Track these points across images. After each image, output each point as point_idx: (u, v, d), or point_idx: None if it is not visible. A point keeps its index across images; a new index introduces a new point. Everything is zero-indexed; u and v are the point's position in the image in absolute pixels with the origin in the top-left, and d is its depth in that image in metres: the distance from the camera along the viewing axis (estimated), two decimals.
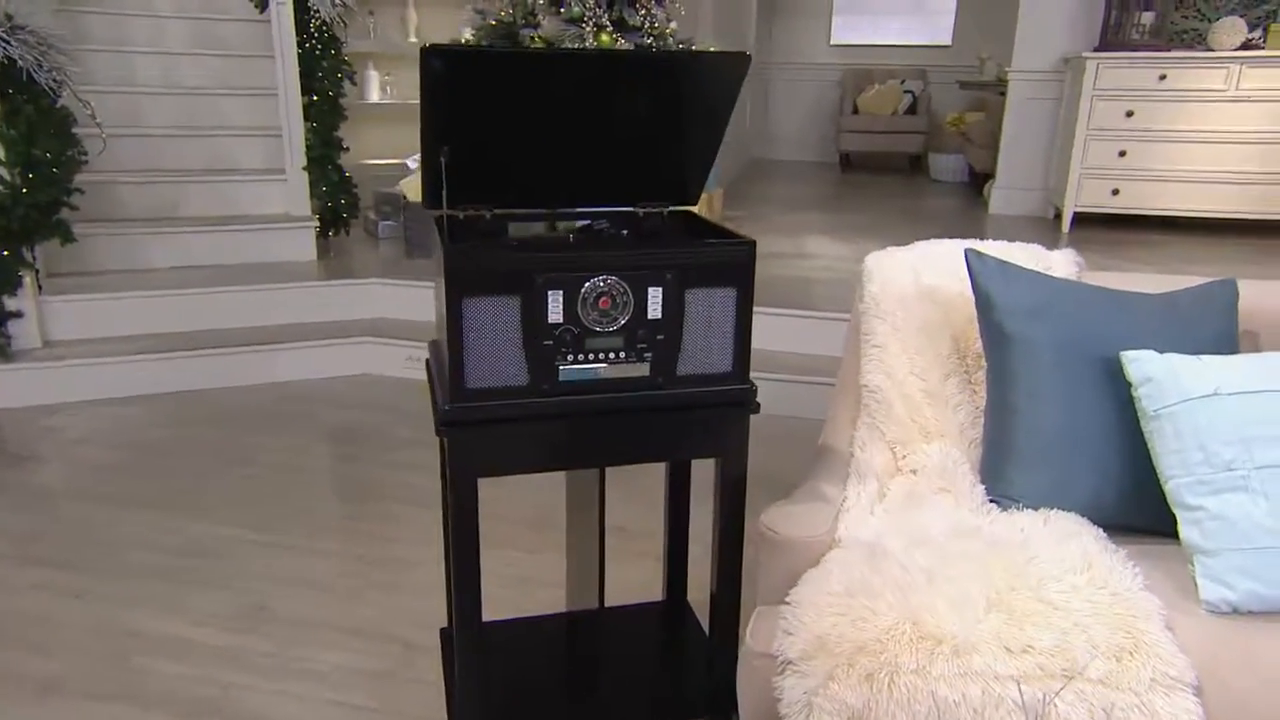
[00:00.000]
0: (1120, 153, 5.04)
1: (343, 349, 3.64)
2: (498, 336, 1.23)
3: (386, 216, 4.84)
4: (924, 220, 5.69)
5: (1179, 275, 1.72)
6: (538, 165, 1.41)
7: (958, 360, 1.59)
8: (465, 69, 1.23)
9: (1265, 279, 4.01)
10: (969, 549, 1.23)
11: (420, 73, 1.21)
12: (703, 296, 1.29)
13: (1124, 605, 1.11)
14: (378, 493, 2.64)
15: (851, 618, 1.13)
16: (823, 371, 3.14)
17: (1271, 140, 4.86)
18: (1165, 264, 4.40)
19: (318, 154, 4.41)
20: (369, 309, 3.85)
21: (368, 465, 2.84)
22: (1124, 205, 5.14)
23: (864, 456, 1.51)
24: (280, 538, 2.38)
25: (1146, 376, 1.29)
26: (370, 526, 2.44)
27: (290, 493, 2.64)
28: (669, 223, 1.52)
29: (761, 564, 1.35)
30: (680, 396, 1.31)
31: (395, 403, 3.37)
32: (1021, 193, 5.76)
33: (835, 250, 4.60)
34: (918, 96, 7.93)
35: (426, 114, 1.26)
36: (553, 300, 1.23)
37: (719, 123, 1.40)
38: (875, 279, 1.72)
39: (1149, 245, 4.88)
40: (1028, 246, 1.74)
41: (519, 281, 1.21)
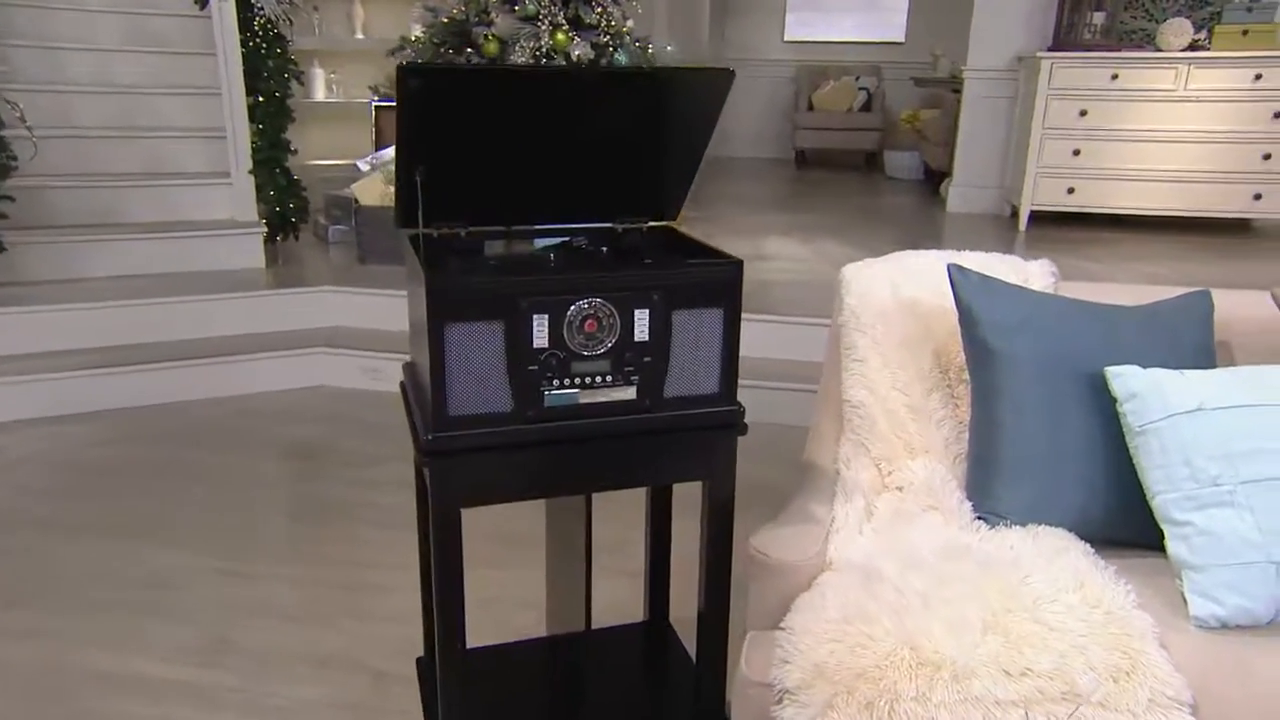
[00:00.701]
0: (1075, 151, 5.16)
1: (297, 360, 3.57)
2: (481, 362, 1.21)
3: (337, 220, 4.76)
4: (883, 220, 5.76)
5: (1152, 285, 1.76)
6: (514, 182, 1.40)
7: (940, 374, 1.61)
8: (443, 87, 1.21)
9: (1224, 281, 4.11)
10: (962, 570, 1.24)
11: (396, 92, 1.19)
12: (690, 317, 1.28)
13: (1118, 624, 1.13)
14: (342, 513, 2.60)
15: (849, 644, 1.14)
16: (788, 376, 3.16)
17: (1218, 140, 5.01)
18: (1123, 263, 4.51)
19: (264, 156, 4.33)
20: (323, 318, 3.79)
21: (330, 484, 2.79)
22: (1079, 204, 5.26)
23: (850, 474, 1.52)
24: (240, 564, 2.32)
25: (1131, 392, 1.31)
26: (336, 550, 2.40)
27: (248, 515, 2.59)
28: (649, 239, 1.51)
29: (752, 588, 1.36)
30: (668, 420, 1.30)
31: (355, 416, 3.32)
32: (978, 191, 5.87)
33: (795, 252, 4.64)
34: (872, 93, 8.03)
35: (402, 132, 1.24)
36: (538, 324, 1.22)
37: (700, 139, 1.40)
38: (853, 291, 1.73)
39: (1105, 244, 5.00)
40: (1005, 257, 1.77)
41: (503, 306, 1.20)
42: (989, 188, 5.84)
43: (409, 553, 2.37)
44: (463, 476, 1.24)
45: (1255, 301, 1.59)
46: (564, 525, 1.55)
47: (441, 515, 1.25)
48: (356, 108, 6.14)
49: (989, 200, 5.86)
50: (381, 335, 3.66)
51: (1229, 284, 4.13)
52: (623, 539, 2.34)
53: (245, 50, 4.11)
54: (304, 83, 5.55)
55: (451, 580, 1.28)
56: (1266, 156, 5.00)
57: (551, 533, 1.59)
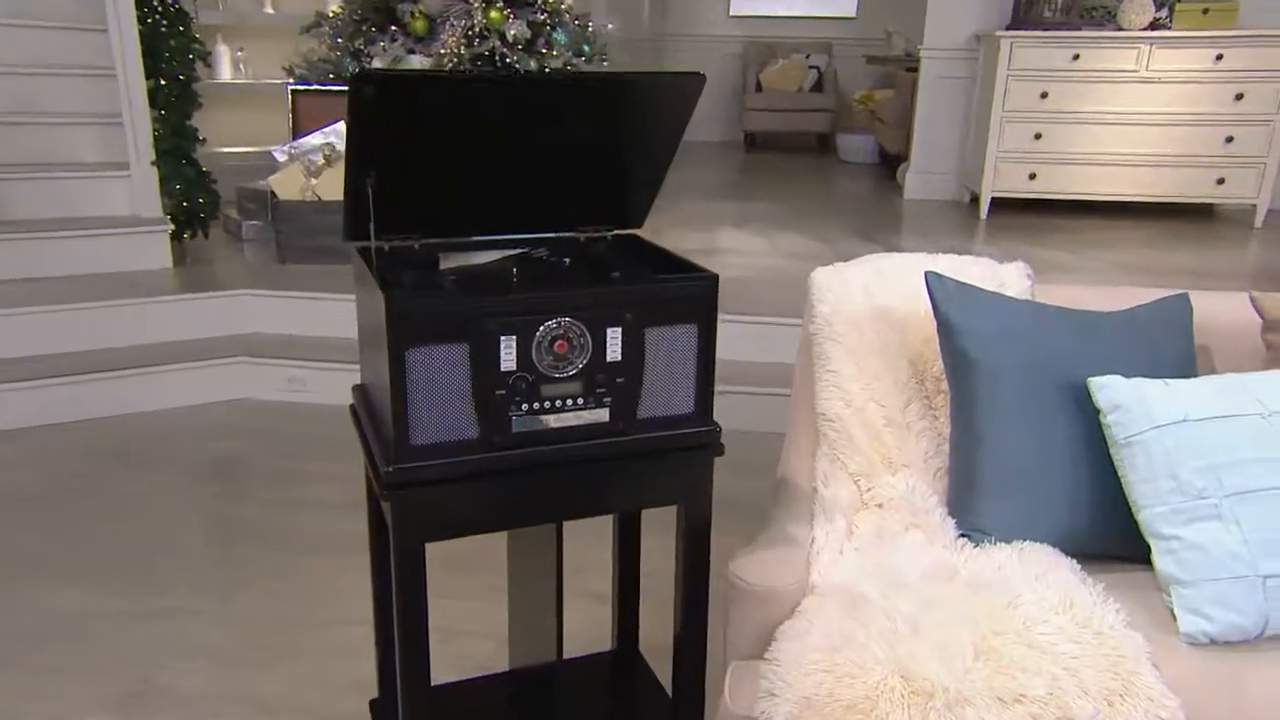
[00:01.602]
0: (1036, 135, 5.32)
1: (213, 372, 3.52)
2: (445, 388, 1.23)
3: (251, 216, 4.69)
4: (839, 208, 5.87)
5: (1128, 287, 1.84)
6: (470, 191, 1.41)
7: (917, 384, 1.67)
8: (399, 95, 1.22)
9: (1191, 270, 4.23)
10: (950, 592, 1.30)
11: (349, 100, 1.19)
12: (663, 334, 1.32)
13: (1110, 645, 1.20)
14: (273, 539, 2.58)
15: (838, 674, 1.19)
16: (748, 379, 3.21)
17: (1181, 123, 5.21)
18: (1087, 252, 4.67)
19: (168, 146, 4.24)
20: (241, 324, 3.73)
21: (256, 507, 2.76)
22: (1041, 189, 5.43)
23: (828, 492, 1.57)
24: (162, 600, 2.29)
25: (1115, 403, 1.38)
26: (268, 581, 2.38)
27: (166, 545, 2.55)
28: (614, 249, 1.54)
29: (731, 616, 1.40)
30: (642, 442, 1.33)
31: (280, 431, 3.29)
32: (937, 176, 6.01)
33: (751, 245, 4.70)
34: (823, 72, 8.15)
35: (353, 142, 1.25)
36: (505, 346, 1.24)
37: (668, 145, 1.43)
38: (826, 299, 1.78)
39: (1068, 231, 5.17)
40: (979, 260, 1.83)
41: (468, 328, 1.22)
42: (948, 173, 5.98)
43: (350, 580, 2.37)
44: (427, 510, 1.26)
45: (1234, 304, 1.68)
46: (532, 552, 1.57)
47: (404, 551, 1.26)
48: (268, 90, 6.04)
49: (948, 186, 6.00)
50: (306, 342, 3.62)
51: (1196, 272, 4.32)
52: (585, 559, 2.37)
53: (143, 29, 4.02)
54: (210, 64, 5.45)
55: (416, 619, 1.29)
56: (1229, 140, 5.21)
57: (517, 560, 1.61)
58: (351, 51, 4.83)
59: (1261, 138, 5.18)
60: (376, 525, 1.56)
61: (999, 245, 4.82)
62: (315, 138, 4.32)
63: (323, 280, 3.86)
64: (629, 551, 1.73)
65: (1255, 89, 5.12)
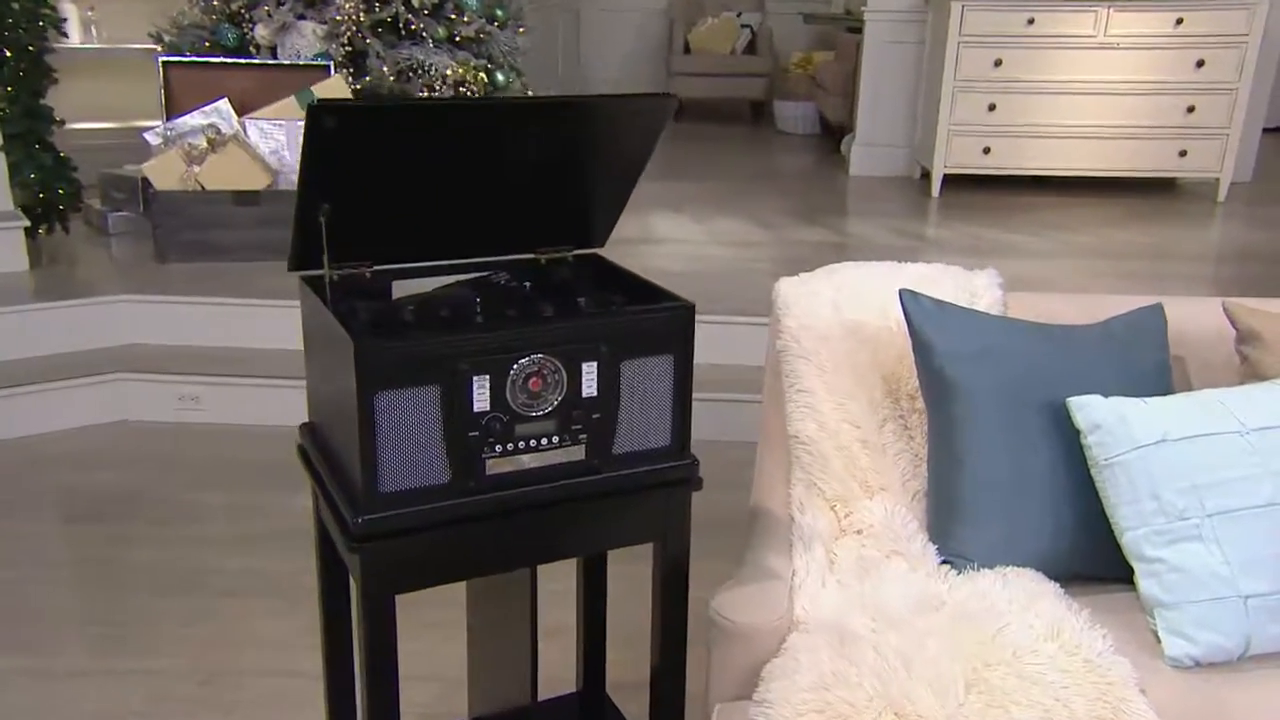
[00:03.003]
0: (990, 106, 5.56)
1: (87, 392, 3.51)
2: (415, 432, 1.31)
3: (118, 206, 4.65)
4: (780, 187, 6.04)
5: (1100, 295, 2.02)
6: (425, 215, 1.50)
7: (892, 404, 1.81)
8: (359, 124, 1.30)
9: (1153, 248, 4.48)
10: (938, 624, 1.44)
11: (305, 131, 1.27)
12: (638, 367, 1.43)
13: (1098, 673, 1.35)
14: (175, 586, 2.62)
15: (831, 715, 1.32)
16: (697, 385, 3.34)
17: (1140, 91, 5.50)
18: (1045, 233, 4.92)
19: (19, 129, 4.19)
20: (117, 335, 3.72)
21: (152, 547, 2.79)
22: (995, 165, 5.67)
23: (805, 520, 1.70)
24: (48, 660, 2.32)
25: (1095, 424, 1.54)
26: (179, 630, 2.43)
27: (49, 596, 2.57)
28: (576, 271, 1.64)
29: (714, 656, 1.52)
30: (618, 480, 1.44)
31: (173, 457, 3.31)
32: (884, 150, 6.22)
33: (686, 232, 4.84)
34: (756, 32, 8.33)
35: (308, 171, 1.33)
36: (478, 386, 1.33)
37: (636, 165, 1.54)
38: (792, 313, 1.91)
39: (1025, 210, 5.42)
40: (949, 269, 1.98)
41: (439, 368, 1.31)
42: (897, 147, 6.20)
43: (272, 625, 2.43)
44: (397, 560, 1.35)
45: (1207, 312, 1.86)
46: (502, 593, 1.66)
47: (374, 605, 1.35)
48: (126, 56, 5.95)
49: (897, 161, 6.22)
50: (198, 354, 3.63)
51: (1160, 254, 4.60)
52: (543, 590, 2.47)
53: None
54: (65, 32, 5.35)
55: (386, 676, 1.38)
56: (1190, 109, 5.53)
57: (483, 601, 1.71)
58: (229, 15, 4.81)
59: (1223, 107, 5.50)
60: (328, 571, 1.64)
61: (953, 228, 5.04)
62: (194, 118, 4.30)
63: (210, 281, 3.87)
64: (596, 588, 1.84)
65: (1217, 55, 5.43)
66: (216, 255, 4.07)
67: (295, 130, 4.21)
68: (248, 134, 4.24)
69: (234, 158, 4.10)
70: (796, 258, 4.49)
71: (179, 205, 4.07)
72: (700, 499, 1.46)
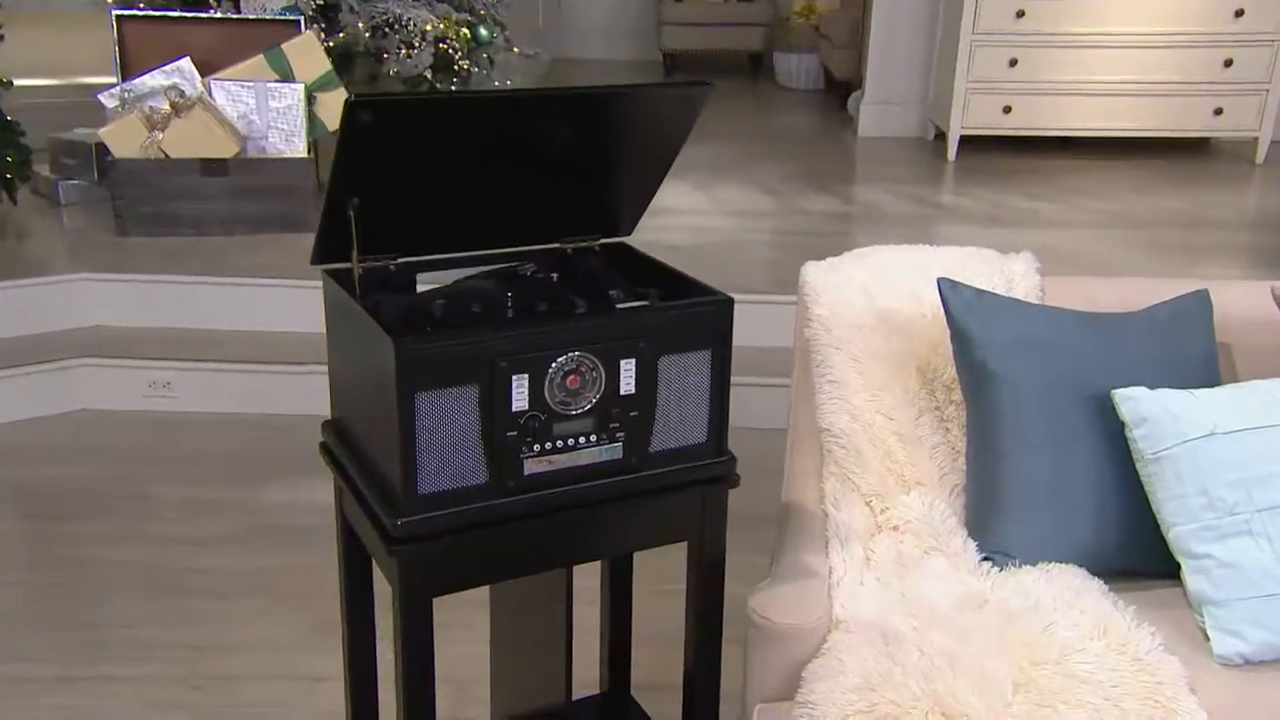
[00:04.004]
0: (1011, 61, 5.65)
1: (47, 379, 3.58)
2: (453, 433, 1.41)
3: (69, 174, 4.70)
4: (784, 150, 6.12)
5: (1142, 279, 2.13)
6: (451, 206, 1.59)
7: (927, 395, 1.92)
8: (394, 119, 1.40)
9: (1188, 216, 4.58)
10: (982, 622, 1.56)
11: (341, 126, 1.36)
12: (676, 362, 1.53)
13: (1147, 672, 1.47)
14: (159, 585, 2.71)
15: (878, 715, 1.43)
16: None
17: (1174, 44, 5.59)
18: (1071, 199, 5.03)
19: None
20: (76, 316, 3.79)
21: (127, 547, 2.88)
22: (1017, 125, 5.78)
23: (840, 516, 1.81)
24: (32, 668, 2.40)
25: (1141, 417, 1.65)
26: (166, 633, 2.52)
27: (18, 601, 2.64)
28: (605, 261, 1.74)
29: (753, 656, 1.63)
30: (655, 478, 1.54)
31: (142, 450, 3.39)
32: (896, 109, 6.32)
33: (688, 202, 4.93)
34: None
35: (341, 166, 1.41)
36: (517, 385, 1.43)
37: (669, 154, 1.64)
38: (822, 300, 2.01)
39: (1049, 175, 5.53)
40: (982, 252, 2.09)
41: (477, 367, 1.40)
42: (909, 104, 6.29)
43: (265, 629, 2.53)
44: (436, 563, 1.45)
45: (1254, 297, 1.97)
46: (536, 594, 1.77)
47: (412, 608, 1.45)
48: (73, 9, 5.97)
49: (909, 120, 6.32)
50: (168, 337, 3.71)
51: (1195, 221, 4.72)
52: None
53: None
54: None
55: (423, 680, 1.49)
56: (1227, 63, 5.62)
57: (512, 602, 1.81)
58: None
59: (1264, 61, 5.60)
60: (351, 572, 1.74)
61: (972, 194, 5.15)
62: (155, 78, 4.35)
63: (177, 258, 3.95)
64: (621, 586, 1.94)
65: (1257, 4, 5.51)
66: (182, 229, 4.14)
67: (265, 92, 4.27)
68: (213, 96, 4.30)
69: (199, 123, 4.15)
70: (806, 229, 4.60)
71: (140, 175, 4.13)
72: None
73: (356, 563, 1.73)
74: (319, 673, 2.37)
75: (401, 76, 4.83)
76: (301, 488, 3.25)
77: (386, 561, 1.45)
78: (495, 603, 1.86)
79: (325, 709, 2.27)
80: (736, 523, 2.15)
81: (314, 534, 2.96)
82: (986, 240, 4.12)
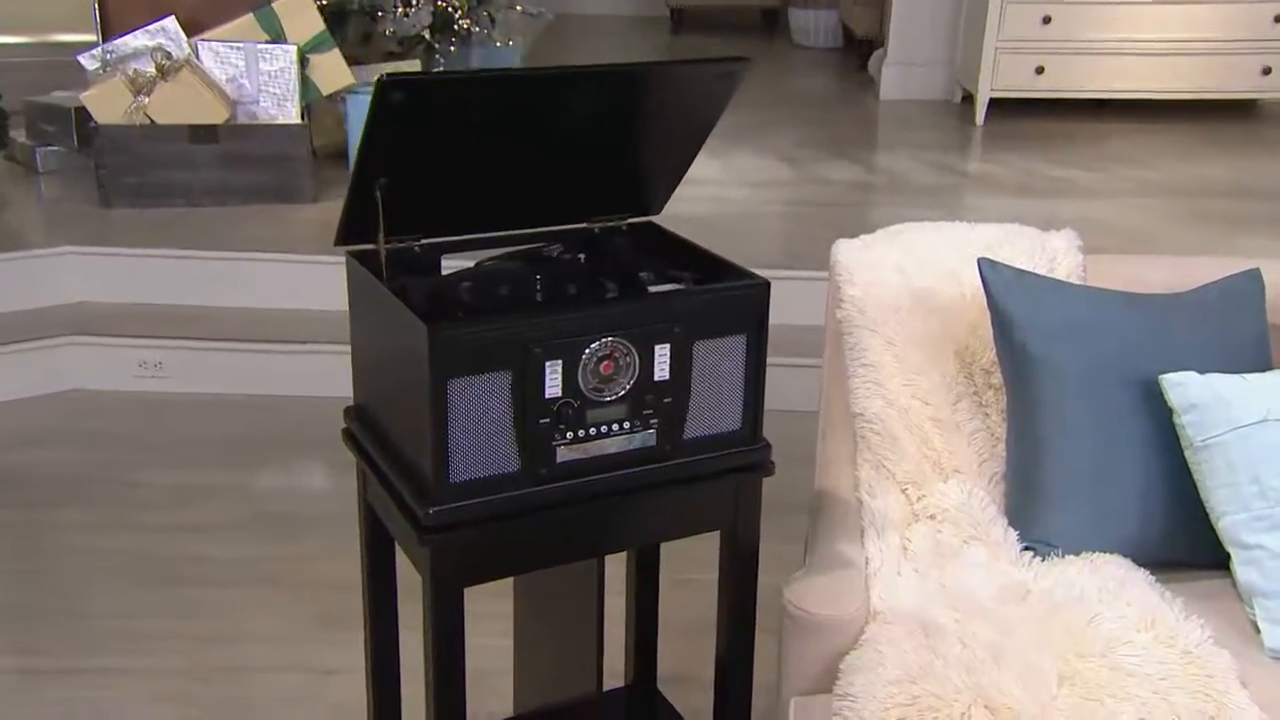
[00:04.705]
0: (1045, 19, 5.67)
1: (31, 357, 3.64)
2: (486, 420, 1.47)
3: (47, 140, 4.74)
4: (801, 114, 6.15)
5: (1188, 257, 2.19)
6: (476, 186, 1.65)
7: (966, 379, 1.98)
8: (426, 98, 1.45)
9: (1233, 185, 4.59)
10: (1025, 613, 1.62)
11: (371, 105, 1.41)
12: (711, 348, 1.59)
13: (1197, 665, 1.53)
14: (158, 574, 2.78)
15: (920, 708, 1.50)
16: None
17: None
18: (1110, 167, 5.07)
19: None
20: (61, 292, 3.84)
21: (124, 534, 2.94)
22: (1050, 87, 5.80)
23: (875, 504, 1.87)
24: (33, 660, 2.47)
25: (1190, 403, 1.71)
26: (169, 624, 2.59)
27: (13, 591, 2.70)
28: (632, 241, 1.80)
29: (789, 648, 1.70)
30: (689, 466, 1.61)
31: (132, 432, 3.45)
32: (920, 70, 6.34)
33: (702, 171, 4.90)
34: None
35: (369, 146, 1.47)
36: (550, 372, 1.49)
37: (702, 132, 1.69)
38: (855, 280, 2.07)
39: (1085, 141, 5.56)
40: (1022, 229, 2.14)
41: (511, 353, 1.46)
42: (935, 65, 6.31)
43: (272, 619, 2.60)
44: (467, 552, 1.51)
45: None
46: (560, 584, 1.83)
47: (443, 599, 1.52)
48: None
49: (935, 82, 6.34)
50: (158, 314, 3.77)
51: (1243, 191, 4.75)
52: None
53: None
54: None
55: (453, 672, 1.56)
56: (1278, 19, 5.63)
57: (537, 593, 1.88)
58: None
59: None
60: (374, 561, 1.81)
61: (1002, 162, 5.20)
62: (138, 38, 4.39)
63: (167, 229, 4.00)
64: (647, 576, 2.01)
65: None
66: (170, 200, 4.19)
67: (255, 54, 4.31)
68: (200, 58, 4.33)
69: (187, 87, 4.19)
70: (826, 200, 4.65)
71: (126, 142, 4.17)
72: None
73: (379, 551, 1.79)
74: (329, 665, 2.44)
75: (398, 36, 4.87)
76: (298, 472, 3.32)
77: (417, 551, 1.52)
78: (520, 592, 1.93)
79: (338, 701, 2.34)
80: (765, 510, 2.22)
81: (313, 521, 3.02)
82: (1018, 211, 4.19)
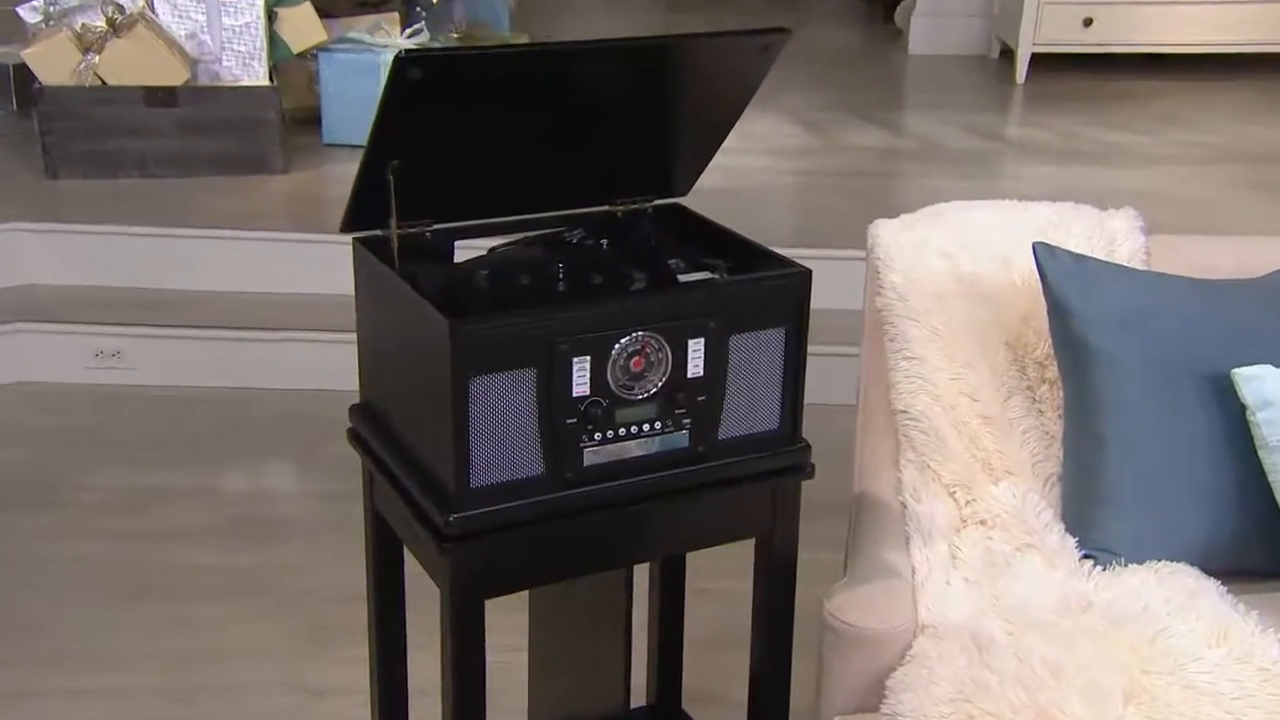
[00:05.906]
0: None
1: None
2: (509, 420, 1.54)
3: None
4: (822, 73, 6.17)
5: (1259, 237, 2.25)
6: (493, 168, 1.71)
7: (1018, 373, 2.05)
8: (445, 76, 1.51)
9: None
10: (1086, 626, 1.70)
11: (386, 84, 1.48)
12: (748, 342, 1.66)
13: (1275, 684, 1.60)
14: (131, 586, 2.84)
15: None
16: None
17: None
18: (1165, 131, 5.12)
19: None
20: (5, 274, 3.87)
21: (87, 542, 3.00)
22: (1098, 41, 5.85)
23: (921, 509, 1.94)
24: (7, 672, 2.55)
25: (1266, 399, 1.79)
26: (145, 640, 2.65)
27: None
28: (658, 225, 1.86)
29: (830, 663, 1.77)
30: (723, 468, 1.68)
31: (90, 429, 3.50)
32: (954, 21, 6.38)
33: None
34: None
35: (382, 127, 1.53)
36: (578, 369, 1.56)
37: (736, 108, 1.76)
38: (896, 265, 2.14)
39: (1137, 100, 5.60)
40: (1079, 208, 2.21)
41: (536, 349, 1.53)
42: (970, 17, 6.36)
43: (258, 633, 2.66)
44: (490, 562, 1.58)
45: None
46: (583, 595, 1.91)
47: (463, 611, 1.59)
48: None
49: (969, 35, 6.39)
50: (117, 298, 3.81)
51: None
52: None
53: None
54: None
55: (473, 690, 1.63)
56: None
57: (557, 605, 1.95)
58: None
59: None
60: (381, 572, 1.87)
61: (1045, 125, 5.25)
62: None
63: (120, 203, 4.04)
64: (673, 590, 2.08)
65: None
66: (125, 170, 4.23)
67: (218, 7, 4.35)
68: (156, 12, 4.37)
69: (142, 43, 4.22)
70: (851, 169, 4.71)
71: (74, 105, 4.21)
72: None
73: (387, 560, 1.86)
74: (319, 685, 2.50)
75: None
76: (274, 473, 3.39)
77: (436, 561, 1.58)
78: (536, 604, 2.00)
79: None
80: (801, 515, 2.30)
81: (292, 526, 3.09)
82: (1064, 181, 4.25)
